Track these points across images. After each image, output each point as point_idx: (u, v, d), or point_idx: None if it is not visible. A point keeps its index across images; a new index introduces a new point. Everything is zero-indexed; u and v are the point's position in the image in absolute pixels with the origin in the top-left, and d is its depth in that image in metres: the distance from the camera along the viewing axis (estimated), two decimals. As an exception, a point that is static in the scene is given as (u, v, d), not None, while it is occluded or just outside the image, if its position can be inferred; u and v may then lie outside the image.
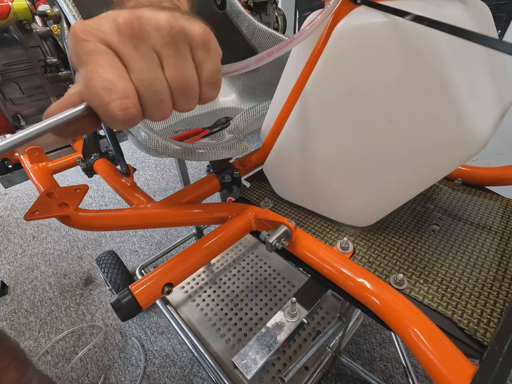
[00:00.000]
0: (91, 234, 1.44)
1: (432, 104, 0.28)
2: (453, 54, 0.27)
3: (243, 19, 0.74)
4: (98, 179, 1.77)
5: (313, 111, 0.36)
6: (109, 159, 0.63)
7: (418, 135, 0.30)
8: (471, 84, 0.28)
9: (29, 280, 1.24)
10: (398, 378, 0.88)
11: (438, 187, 0.50)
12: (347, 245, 0.39)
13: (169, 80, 0.22)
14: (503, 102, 0.32)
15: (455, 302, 0.32)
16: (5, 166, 0.79)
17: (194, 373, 0.91)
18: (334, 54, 0.31)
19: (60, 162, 0.73)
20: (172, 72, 0.22)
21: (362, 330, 0.99)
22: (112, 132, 0.51)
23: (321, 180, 0.40)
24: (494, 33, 0.37)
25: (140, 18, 0.20)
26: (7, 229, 1.52)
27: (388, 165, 0.34)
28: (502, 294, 0.32)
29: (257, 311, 0.85)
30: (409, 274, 0.36)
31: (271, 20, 1.43)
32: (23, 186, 1.79)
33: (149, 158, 2.01)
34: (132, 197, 0.49)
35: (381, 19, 0.28)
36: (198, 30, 0.22)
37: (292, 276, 0.94)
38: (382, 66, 0.29)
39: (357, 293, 0.33)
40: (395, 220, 0.44)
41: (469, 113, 0.27)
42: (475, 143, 0.28)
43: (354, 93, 0.32)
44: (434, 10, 0.27)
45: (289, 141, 0.40)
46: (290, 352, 0.75)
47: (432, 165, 0.31)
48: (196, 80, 0.23)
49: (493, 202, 0.46)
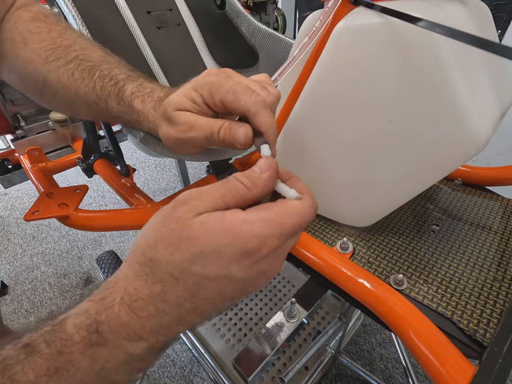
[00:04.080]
0: (91, 234, 1.44)
1: (431, 105, 0.28)
2: (452, 54, 0.27)
3: (243, 19, 0.74)
4: (99, 179, 1.76)
5: (313, 112, 0.36)
6: (109, 160, 0.63)
7: (417, 135, 0.30)
8: (471, 84, 0.28)
9: (29, 280, 1.24)
10: (398, 378, 0.88)
11: (438, 187, 0.50)
12: (347, 245, 0.39)
13: None
14: (502, 102, 0.32)
15: (455, 302, 0.32)
16: (4, 166, 0.79)
17: (194, 373, 0.91)
18: (333, 54, 0.31)
19: (60, 163, 0.73)
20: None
21: (362, 330, 0.99)
22: (112, 132, 0.51)
23: (320, 180, 0.40)
24: (493, 34, 0.37)
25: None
26: (7, 229, 1.52)
27: (388, 165, 0.34)
28: (502, 294, 0.32)
29: (257, 311, 0.85)
30: (409, 275, 0.36)
31: (271, 20, 1.43)
32: (23, 186, 1.79)
33: (149, 158, 2.01)
34: (132, 197, 0.49)
35: (380, 20, 0.28)
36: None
37: (292, 275, 0.94)
38: (381, 67, 0.29)
39: (356, 293, 0.33)
40: (395, 220, 0.44)
41: (468, 114, 0.27)
42: (475, 143, 0.28)
43: (353, 93, 0.32)
44: (433, 10, 0.27)
45: (289, 141, 0.40)
46: (290, 352, 0.75)
47: (431, 165, 0.31)
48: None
49: (493, 203, 0.46)
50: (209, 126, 0.24)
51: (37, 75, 0.32)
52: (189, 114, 0.26)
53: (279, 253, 0.18)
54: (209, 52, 0.79)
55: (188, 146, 0.27)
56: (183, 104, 0.25)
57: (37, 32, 0.32)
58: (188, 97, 0.25)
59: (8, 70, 0.34)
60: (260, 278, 0.18)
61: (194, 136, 0.25)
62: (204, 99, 0.25)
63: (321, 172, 0.39)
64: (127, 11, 0.66)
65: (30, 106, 0.79)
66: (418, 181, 0.33)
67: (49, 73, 0.31)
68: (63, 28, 0.33)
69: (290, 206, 0.18)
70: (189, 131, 0.25)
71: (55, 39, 0.32)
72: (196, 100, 0.25)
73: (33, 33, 0.32)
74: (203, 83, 0.25)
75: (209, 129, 0.24)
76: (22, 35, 0.32)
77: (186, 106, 0.25)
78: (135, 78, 0.31)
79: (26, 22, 0.32)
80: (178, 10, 0.75)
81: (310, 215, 0.19)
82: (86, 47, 0.33)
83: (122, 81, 0.30)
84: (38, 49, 0.31)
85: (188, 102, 0.25)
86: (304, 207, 0.18)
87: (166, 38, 0.71)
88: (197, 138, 0.25)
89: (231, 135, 0.24)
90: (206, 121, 0.25)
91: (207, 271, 0.16)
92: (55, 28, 0.33)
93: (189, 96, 0.25)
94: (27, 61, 0.32)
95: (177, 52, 0.73)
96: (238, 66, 0.78)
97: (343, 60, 0.31)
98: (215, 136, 0.24)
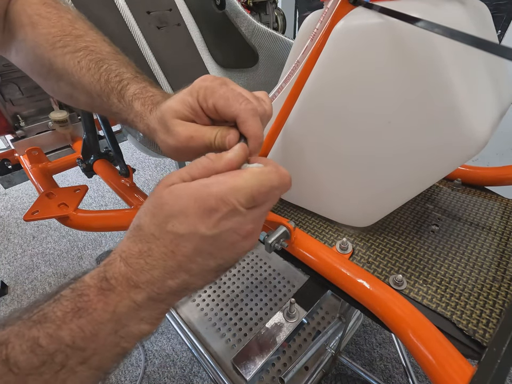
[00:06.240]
0: (91, 234, 1.44)
1: (430, 105, 0.28)
2: (451, 54, 0.27)
3: (242, 19, 0.74)
4: (99, 179, 1.77)
5: (313, 112, 0.36)
6: (109, 160, 0.63)
7: (416, 136, 0.30)
8: (470, 84, 0.28)
9: (29, 280, 1.25)
10: (398, 378, 0.88)
11: (438, 187, 0.50)
12: (346, 245, 0.39)
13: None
14: (502, 102, 0.32)
15: (454, 302, 0.32)
16: (4, 167, 0.79)
17: (194, 373, 0.91)
18: (332, 54, 0.31)
19: (60, 163, 0.73)
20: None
21: (362, 330, 0.99)
22: (112, 132, 0.51)
23: (320, 180, 0.40)
24: (493, 34, 0.37)
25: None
26: (7, 229, 1.52)
27: (387, 166, 0.34)
28: (501, 294, 0.32)
29: (257, 311, 0.85)
30: (408, 275, 0.36)
31: (271, 20, 1.43)
32: (23, 186, 1.79)
33: (149, 158, 2.01)
34: (131, 198, 0.49)
35: (379, 20, 0.28)
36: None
37: (292, 275, 0.94)
38: (380, 67, 0.29)
39: (356, 293, 0.33)
40: (394, 220, 0.44)
41: (467, 114, 0.27)
42: (474, 143, 0.28)
43: (352, 93, 0.32)
44: (432, 10, 0.27)
45: (288, 142, 0.40)
46: (290, 352, 0.75)
47: (431, 166, 0.31)
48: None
49: (493, 202, 0.46)
50: (208, 136, 0.25)
51: (44, 59, 0.32)
52: (189, 125, 0.26)
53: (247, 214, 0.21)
54: (209, 52, 0.79)
55: (188, 155, 0.28)
56: (181, 112, 0.26)
57: (47, 18, 0.32)
58: (185, 103, 0.26)
59: (16, 52, 0.34)
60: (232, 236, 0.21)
61: (195, 146, 0.26)
62: (198, 103, 0.25)
63: (321, 172, 0.39)
64: (126, 11, 0.66)
65: (30, 107, 0.79)
66: (417, 181, 0.33)
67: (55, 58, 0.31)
68: (73, 16, 0.33)
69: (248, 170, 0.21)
70: (189, 142, 0.26)
71: (65, 26, 0.32)
72: (192, 104, 0.25)
73: (43, 17, 0.32)
74: (198, 87, 0.25)
75: (208, 139, 0.25)
76: (30, 18, 0.32)
77: (184, 113, 0.26)
78: (140, 80, 0.31)
79: (35, 4, 0.32)
80: (178, 10, 0.75)
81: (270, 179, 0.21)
82: (97, 40, 0.33)
83: (127, 80, 0.31)
84: (47, 34, 0.31)
85: (184, 108, 0.26)
86: (262, 171, 0.21)
87: (165, 38, 0.71)
88: (197, 148, 0.26)
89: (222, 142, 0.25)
90: (205, 131, 0.26)
91: (178, 229, 0.20)
92: (66, 15, 0.33)
93: (185, 102, 0.25)
94: (35, 45, 0.32)
95: (177, 52, 0.73)
96: (237, 66, 0.78)
97: (342, 60, 0.31)
98: (212, 144, 0.26)
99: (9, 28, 0.33)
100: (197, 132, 0.26)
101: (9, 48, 0.35)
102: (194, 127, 0.26)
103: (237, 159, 0.22)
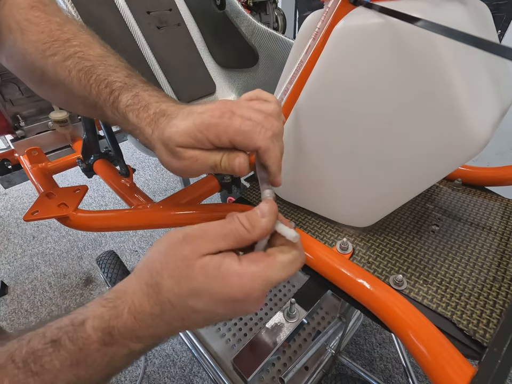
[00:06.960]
0: (91, 234, 1.44)
1: (431, 105, 0.28)
2: (452, 54, 0.27)
3: (242, 19, 0.74)
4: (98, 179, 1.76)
5: (313, 112, 0.36)
6: (109, 160, 0.63)
7: (417, 136, 0.30)
8: (470, 84, 0.28)
9: (29, 280, 1.25)
10: (398, 378, 0.88)
11: (438, 187, 0.50)
12: (346, 245, 0.39)
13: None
14: (502, 102, 0.32)
15: (455, 302, 0.32)
16: (4, 167, 0.79)
17: (194, 373, 0.91)
18: (333, 54, 0.31)
19: (60, 163, 0.73)
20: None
21: (362, 330, 0.99)
22: (112, 132, 0.51)
23: (320, 181, 0.40)
24: (493, 34, 0.37)
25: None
26: (7, 229, 1.52)
27: (387, 166, 0.34)
28: (502, 294, 0.32)
29: (257, 311, 0.85)
30: (408, 275, 0.36)
31: (271, 20, 1.43)
32: (23, 186, 1.79)
33: (149, 158, 2.00)
34: (131, 198, 0.49)
35: (379, 20, 0.27)
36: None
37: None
38: (380, 67, 0.29)
39: (356, 293, 0.33)
40: (394, 220, 0.44)
41: (468, 114, 0.27)
42: (474, 143, 0.28)
43: (353, 94, 0.32)
44: (433, 10, 0.27)
45: (289, 142, 0.40)
46: (290, 352, 0.74)
47: (431, 166, 0.31)
48: None
49: (493, 203, 0.46)
50: (213, 159, 0.26)
51: (35, 68, 0.31)
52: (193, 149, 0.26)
53: (260, 297, 0.22)
54: (209, 52, 0.79)
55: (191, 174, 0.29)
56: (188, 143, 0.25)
57: (35, 23, 0.31)
58: (192, 137, 0.25)
59: (7, 58, 0.34)
60: (240, 313, 0.22)
61: (199, 167, 0.27)
62: (209, 140, 0.25)
63: (321, 172, 0.39)
64: (126, 11, 0.66)
65: (29, 107, 0.79)
66: (418, 181, 0.33)
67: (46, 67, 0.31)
68: (62, 19, 0.32)
69: (279, 262, 0.21)
70: (193, 164, 0.26)
71: (53, 31, 0.31)
72: (201, 140, 0.25)
73: (31, 23, 0.31)
74: (208, 125, 0.24)
75: (213, 162, 0.26)
76: (18, 23, 0.31)
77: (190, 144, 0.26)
78: (131, 86, 0.30)
79: (23, 9, 0.31)
80: (178, 10, 0.75)
81: (295, 270, 0.22)
82: (86, 43, 0.31)
83: (118, 90, 0.29)
84: (36, 41, 0.30)
85: (192, 143, 0.25)
86: (291, 262, 0.22)
87: (165, 38, 0.71)
88: (201, 169, 0.27)
89: (229, 165, 0.26)
90: (210, 155, 0.26)
91: (198, 306, 0.20)
92: (54, 19, 0.32)
93: (193, 136, 0.25)
94: (25, 52, 0.31)
95: (177, 52, 0.72)
96: (237, 66, 0.78)
97: (342, 60, 0.31)
98: (218, 166, 0.26)
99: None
100: (201, 155, 0.26)
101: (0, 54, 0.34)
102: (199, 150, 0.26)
103: (271, 225, 0.22)
